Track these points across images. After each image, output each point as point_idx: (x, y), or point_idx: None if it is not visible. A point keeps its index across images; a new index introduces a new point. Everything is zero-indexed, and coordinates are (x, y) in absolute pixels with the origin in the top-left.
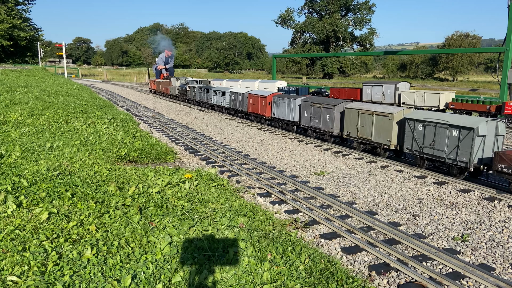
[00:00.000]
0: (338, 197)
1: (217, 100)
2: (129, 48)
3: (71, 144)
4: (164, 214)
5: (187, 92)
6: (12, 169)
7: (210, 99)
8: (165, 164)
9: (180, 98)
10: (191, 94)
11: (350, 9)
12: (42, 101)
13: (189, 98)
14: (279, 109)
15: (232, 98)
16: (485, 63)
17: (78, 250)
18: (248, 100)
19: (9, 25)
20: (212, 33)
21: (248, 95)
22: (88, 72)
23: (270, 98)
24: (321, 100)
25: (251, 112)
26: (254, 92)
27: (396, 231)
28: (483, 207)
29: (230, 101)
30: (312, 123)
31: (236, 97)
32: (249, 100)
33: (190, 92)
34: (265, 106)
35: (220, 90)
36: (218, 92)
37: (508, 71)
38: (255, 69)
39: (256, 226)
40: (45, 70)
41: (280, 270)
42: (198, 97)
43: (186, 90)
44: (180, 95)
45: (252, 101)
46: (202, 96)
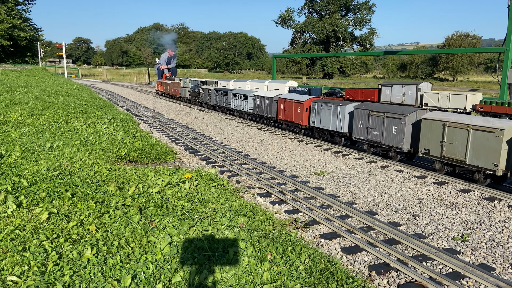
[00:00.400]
0: (338, 197)
1: (237, 104)
2: (129, 48)
3: (71, 144)
4: (164, 214)
5: (200, 94)
6: (12, 169)
7: (229, 103)
8: (165, 164)
9: (192, 101)
10: (205, 97)
11: (350, 9)
12: (42, 101)
13: (203, 101)
14: (321, 117)
15: (257, 102)
16: (485, 63)
17: (78, 250)
18: (279, 105)
19: (9, 25)
20: (212, 33)
21: (279, 100)
22: (88, 72)
23: (309, 103)
24: (383, 108)
25: (283, 120)
26: (287, 97)
27: (396, 231)
28: (483, 207)
29: (254, 106)
30: (370, 135)
31: (262, 102)
32: (280, 105)
33: (203, 94)
34: (301, 113)
35: (241, 93)
36: (238, 96)
37: (508, 71)
38: (255, 69)
39: (256, 226)
40: (45, 70)
41: (280, 270)
42: (214, 100)
43: (199, 92)
44: (192, 97)
45: (285, 106)
46: (219, 100)
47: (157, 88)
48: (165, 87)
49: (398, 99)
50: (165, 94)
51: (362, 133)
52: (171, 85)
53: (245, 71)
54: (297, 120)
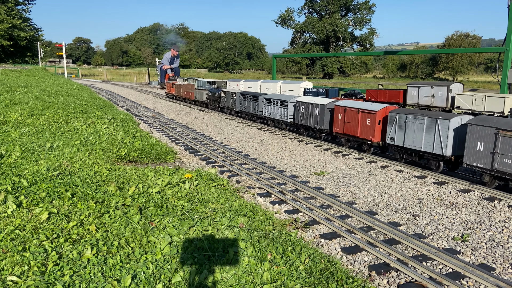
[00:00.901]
0: (338, 197)
1: (272, 112)
2: (129, 48)
3: (71, 144)
4: (164, 214)
5: (221, 98)
6: (12, 169)
7: (260, 110)
8: (165, 164)
9: (210, 106)
10: (227, 102)
11: (350, 9)
12: (42, 101)
13: (225, 106)
14: (406, 132)
15: (301, 110)
16: (485, 63)
17: (78, 250)
18: (335, 115)
19: (9, 25)
20: (212, 33)
21: (336, 108)
22: (88, 72)
23: (384, 113)
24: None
25: (341, 133)
26: (349, 105)
27: (396, 231)
28: (483, 207)
29: (296, 115)
30: (498, 164)
31: (308, 110)
32: (337, 115)
33: (226, 99)
34: (371, 126)
35: (278, 98)
36: (274, 102)
37: (508, 71)
38: (255, 69)
39: (256, 226)
40: (45, 70)
41: (280, 270)
42: (240, 106)
43: (219, 96)
44: (211, 102)
45: (345, 117)
46: (246, 106)
47: (167, 90)
48: (177, 89)
49: (427, 100)
50: (177, 97)
51: (483, 160)
52: (184, 88)
53: (245, 71)
54: (365, 134)
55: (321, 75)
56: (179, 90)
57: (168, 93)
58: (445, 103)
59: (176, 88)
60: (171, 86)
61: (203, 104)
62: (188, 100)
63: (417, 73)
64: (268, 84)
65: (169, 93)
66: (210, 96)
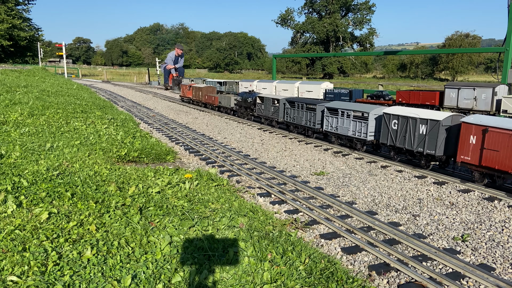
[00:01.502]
0: (338, 197)
1: (341, 126)
2: (129, 48)
3: (71, 144)
4: (164, 214)
5: (257, 106)
6: (12, 169)
7: (319, 122)
8: (165, 164)
9: (240, 114)
10: (266, 110)
11: (350, 9)
12: (42, 101)
13: (262, 115)
14: None
15: (393, 126)
16: (485, 63)
17: (78, 250)
18: (462, 136)
19: (9, 25)
20: (212, 33)
21: (464, 127)
22: (88, 72)
23: None
24: None
25: (475, 165)
26: (491, 123)
27: (396, 231)
28: (483, 207)
29: (384, 132)
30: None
31: (406, 126)
32: (467, 136)
33: (264, 106)
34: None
35: (350, 109)
36: (344, 114)
37: (508, 71)
38: (255, 69)
39: (256, 226)
40: (45, 70)
41: (280, 270)
42: (286, 116)
43: (254, 102)
44: (241, 109)
45: (485, 141)
46: (296, 117)
47: (183, 93)
48: (195, 93)
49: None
50: (194, 102)
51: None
52: (205, 90)
53: (245, 71)
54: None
55: (321, 75)
56: (198, 93)
57: (183, 96)
58: (490, 107)
59: (194, 91)
60: (187, 89)
61: (230, 111)
62: (210, 106)
63: (417, 73)
64: (284, 85)
65: (185, 96)
66: (241, 102)
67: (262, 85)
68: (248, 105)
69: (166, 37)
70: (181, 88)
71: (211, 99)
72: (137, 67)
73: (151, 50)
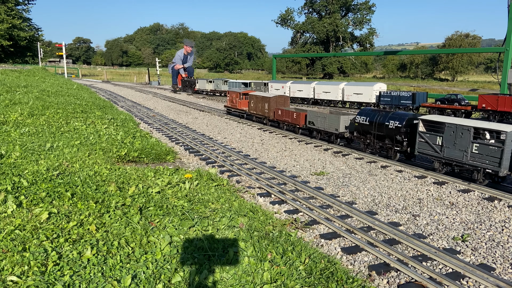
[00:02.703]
0: (338, 197)
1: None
2: (129, 48)
3: (71, 144)
4: (164, 214)
5: (419, 136)
6: (12, 169)
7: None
8: (165, 164)
9: (367, 147)
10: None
11: (350, 9)
12: (42, 101)
13: (427, 152)
14: None
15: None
16: (485, 63)
17: (78, 250)
18: None
19: (9, 25)
20: (212, 33)
21: None
22: (88, 72)
23: None
24: None
25: None
26: None
27: (396, 231)
28: (483, 207)
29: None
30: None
31: None
32: None
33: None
34: None
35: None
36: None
37: (508, 71)
38: (255, 69)
39: (256, 226)
40: (45, 70)
41: (280, 270)
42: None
43: (409, 130)
44: (366, 138)
45: None
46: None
47: (230, 103)
48: (255, 104)
49: None
50: (254, 117)
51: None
52: (274, 102)
53: (245, 71)
54: None
55: (321, 75)
56: (261, 106)
57: (231, 108)
58: None
59: (253, 102)
60: (239, 98)
61: (335, 138)
62: (286, 126)
63: (417, 73)
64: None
65: (235, 108)
66: (367, 126)
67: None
68: (389, 133)
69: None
70: (229, 96)
71: (289, 116)
72: (137, 67)
73: (151, 50)
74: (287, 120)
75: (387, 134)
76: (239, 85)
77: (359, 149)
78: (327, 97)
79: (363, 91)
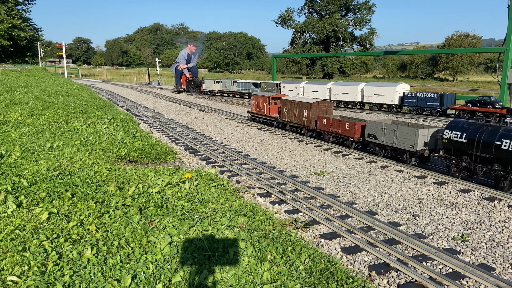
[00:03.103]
0: (338, 197)
1: None
2: (129, 48)
3: (71, 144)
4: (164, 214)
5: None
6: (12, 169)
7: None
8: (165, 164)
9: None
10: None
11: (350, 9)
12: (42, 101)
13: None
14: None
15: None
16: (485, 63)
17: (78, 250)
18: None
19: (9, 25)
20: (212, 33)
21: None
22: (88, 72)
23: None
24: None
25: None
26: None
27: (396, 231)
28: (483, 207)
29: None
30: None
31: None
32: None
33: None
34: None
35: None
36: None
37: (508, 71)
38: (255, 69)
39: (256, 226)
40: (45, 70)
41: (280, 270)
42: None
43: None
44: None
45: None
46: None
47: (255, 108)
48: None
49: None
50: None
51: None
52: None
53: (245, 71)
54: None
55: (321, 75)
56: (297, 112)
57: (257, 114)
58: None
59: (286, 108)
60: (267, 103)
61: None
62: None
63: (417, 73)
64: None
65: (262, 115)
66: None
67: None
68: (500, 156)
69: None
70: (254, 100)
71: (339, 126)
72: (137, 67)
73: (151, 50)
74: (335, 132)
75: (498, 157)
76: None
77: (443, 172)
78: (345, 98)
79: (385, 92)
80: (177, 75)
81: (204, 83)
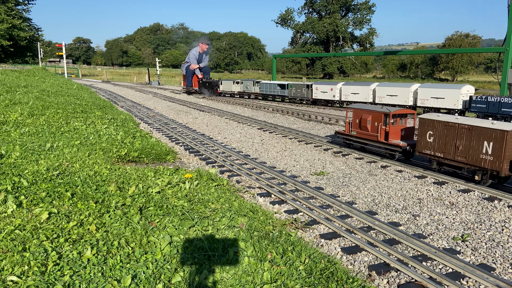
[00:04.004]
0: (338, 197)
1: None
2: (129, 48)
3: (71, 144)
4: (164, 214)
5: None
6: (12, 169)
7: None
8: (165, 164)
9: None
10: None
11: (350, 9)
12: (42, 101)
13: None
14: None
15: None
16: (485, 63)
17: (78, 250)
18: None
19: (9, 25)
20: (212, 33)
21: None
22: (88, 72)
23: None
24: None
25: None
26: None
27: (396, 231)
28: (483, 207)
29: None
30: None
31: None
32: None
33: None
34: None
35: None
36: None
37: (508, 71)
38: (255, 69)
39: (256, 226)
40: (45, 70)
41: (280, 270)
42: None
43: None
44: None
45: None
46: None
47: (355, 129)
48: (439, 138)
49: None
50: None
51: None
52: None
53: (245, 71)
54: None
55: (321, 75)
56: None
57: (358, 138)
58: None
59: (434, 133)
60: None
61: None
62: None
63: (417, 73)
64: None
65: (370, 139)
66: None
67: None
68: None
69: (166, 37)
70: (352, 118)
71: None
72: (137, 67)
73: (151, 50)
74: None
75: None
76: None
77: None
78: (393, 101)
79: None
80: (188, 76)
81: (222, 84)
